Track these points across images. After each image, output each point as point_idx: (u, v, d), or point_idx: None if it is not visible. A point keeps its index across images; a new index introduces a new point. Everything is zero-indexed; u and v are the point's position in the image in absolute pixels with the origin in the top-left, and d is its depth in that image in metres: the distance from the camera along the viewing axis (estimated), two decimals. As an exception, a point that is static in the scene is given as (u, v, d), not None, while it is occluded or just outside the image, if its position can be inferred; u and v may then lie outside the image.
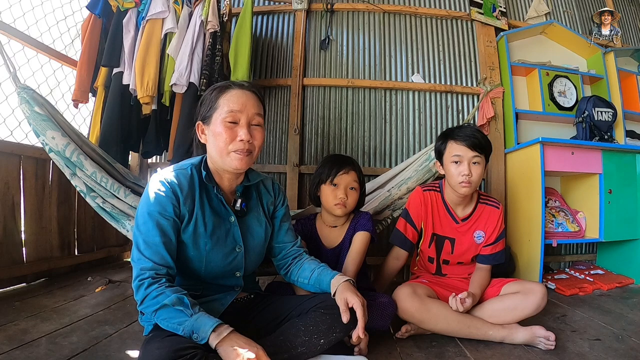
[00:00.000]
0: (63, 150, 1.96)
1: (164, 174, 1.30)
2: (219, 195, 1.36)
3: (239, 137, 1.28)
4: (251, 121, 1.32)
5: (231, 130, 1.28)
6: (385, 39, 3.23)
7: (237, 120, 1.29)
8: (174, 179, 1.28)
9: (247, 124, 1.30)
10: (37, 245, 2.37)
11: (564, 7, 3.54)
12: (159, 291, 1.13)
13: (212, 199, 1.36)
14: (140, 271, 1.17)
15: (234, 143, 1.28)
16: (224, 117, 1.28)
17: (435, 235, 1.93)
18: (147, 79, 2.40)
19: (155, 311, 1.12)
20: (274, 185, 1.57)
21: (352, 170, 1.87)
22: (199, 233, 1.30)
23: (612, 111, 2.91)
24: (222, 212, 1.38)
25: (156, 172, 1.36)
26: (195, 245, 1.30)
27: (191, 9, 2.60)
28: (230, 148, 1.28)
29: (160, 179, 1.28)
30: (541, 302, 1.62)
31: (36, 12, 2.57)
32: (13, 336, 1.52)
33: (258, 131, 1.34)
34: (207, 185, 1.35)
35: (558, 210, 2.77)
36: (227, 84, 1.37)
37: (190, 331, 1.07)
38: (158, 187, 1.26)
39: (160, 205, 1.23)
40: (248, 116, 1.30)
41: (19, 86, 1.96)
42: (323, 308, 1.32)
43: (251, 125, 1.32)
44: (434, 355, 1.52)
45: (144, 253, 1.19)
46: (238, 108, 1.29)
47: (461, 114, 3.12)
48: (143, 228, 1.22)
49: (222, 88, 1.35)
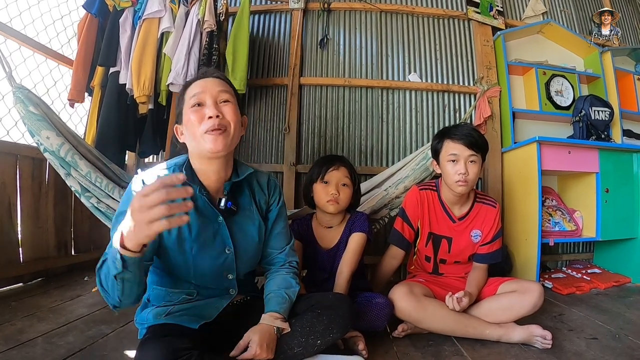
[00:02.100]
0: (57, 150, 1.95)
1: (144, 175, 1.26)
2: (203, 195, 1.30)
3: (207, 114, 1.23)
4: (217, 99, 1.27)
5: (198, 112, 1.24)
6: (382, 38, 3.22)
7: (202, 102, 1.25)
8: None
9: (213, 102, 1.25)
10: (34, 245, 2.37)
11: (561, 7, 3.55)
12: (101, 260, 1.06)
13: (197, 199, 1.30)
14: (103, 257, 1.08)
15: (204, 123, 1.23)
16: (189, 104, 1.26)
17: (432, 235, 1.93)
18: (144, 79, 2.39)
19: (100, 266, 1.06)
20: (269, 181, 1.49)
21: (342, 167, 1.87)
22: (183, 237, 1.25)
23: (609, 110, 2.92)
24: (209, 213, 1.31)
25: (137, 173, 1.32)
26: (181, 250, 1.25)
27: (188, 8, 2.59)
28: (201, 129, 1.23)
29: (141, 180, 1.23)
30: (538, 301, 1.63)
31: (32, 11, 2.56)
32: (9, 336, 1.52)
33: (228, 106, 1.28)
34: (192, 185, 1.27)
35: (555, 209, 2.77)
36: (191, 79, 1.35)
37: (112, 260, 0.98)
38: (139, 188, 1.20)
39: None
40: (212, 95, 1.26)
41: (14, 86, 1.95)
42: (320, 308, 1.32)
43: (219, 104, 1.27)
44: (431, 354, 1.52)
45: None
46: (200, 90, 1.26)
47: (458, 113, 3.12)
48: (115, 227, 1.11)
49: (186, 84, 1.34)
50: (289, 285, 1.40)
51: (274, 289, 1.37)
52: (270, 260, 1.49)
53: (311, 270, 2.01)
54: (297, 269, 1.50)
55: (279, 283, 1.40)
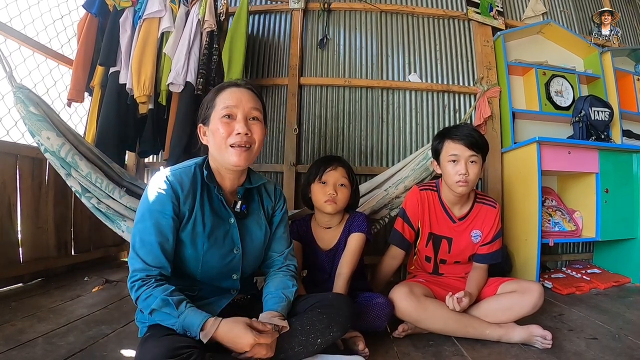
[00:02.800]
0: (58, 151, 1.95)
1: (165, 172, 1.31)
2: (220, 195, 1.35)
3: (236, 130, 1.27)
4: (248, 115, 1.32)
5: (228, 125, 1.28)
6: (382, 38, 3.23)
7: (233, 115, 1.29)
8: (176, 177, 1.29)
9: (244, 119, 1.30)
10: (34, 245, 2.36)
11: (561, 7, 3.55)
12: (147, 293, 1.15)
13: (213, 199, 1.36)
14: (133, 273, 1.19)
15: (232, 137, 1.28)
16: (220, 114, 1.29)
17: (432, 235, 1.93)
18: (144, 78, 2.39)
19: (149, 314, 1.14)
20: (275, 189, 1.56)
21: (339, 167, 1.87)
22: (197, 232, 1.30)
23: (608, 111, 2.92)
24: (222, 213, 1.37)
25: (157, 171, 1.37)
26: (193, 245, 1.29)
27: (188, 8, 2.60)
28: (228, 142, 1.28)
29: (162, 177, 1.29)
30: (538, 301, 1.63)
31: (32, 11, 2.56)
32: (10, 336, 1.52)
33: (257, 126, 1.33)
34: (209, 185, 1.35)
35: (555, 209, 2.78)
36: (224, 83, 1.38)
37: (183, 331, 1.11)
38: (159, 185, 1.27)
39: (160, 203, 1.24)
40: (244, 110, 1.30)
41: (14, 86, 1.94)
42: (320, 307, 1.32)
43: (249, 120, 1.32)
44: (431, 354, 1.52)
45: (139, 252, 1.20)
46: (234, 103, 1.30)
47: (458, 113, 3.13)
48: (141, 226, 1.23)
49: (219, 88, 1.37)
50: (286, 286, 1.41)
51: (271, 290, 1.40)
52: (270, 263, 1.52)
53: (311, 271, 2.01)
54: (295, 272, 1.52)
55: (276, 284, 1.42)
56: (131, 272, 1.20)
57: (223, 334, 1.12)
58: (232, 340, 1.12)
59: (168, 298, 1.13)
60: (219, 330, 1.11)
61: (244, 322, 1.14)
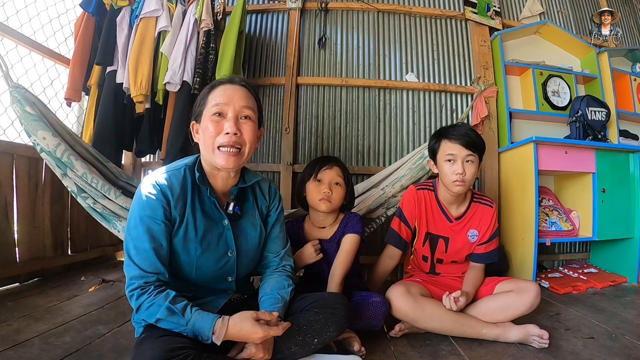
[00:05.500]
0: (54, 151, 1.94)
1: (154, 176, 1.27)
2: (212, 197, 1.32)
3: (225, 129, 1.23)
4: (240, 114, 1.27)
5: (217, 123, 1.24)
6: (379, 38, 3.23)
7: (224, 113, 1.25)
8: (165, 181, 1.24)
9: (234, 117, 1.25)
10: (30, 244, 2.35)
11: (558, 7, 3.56)
12: (149, 302, 1.12)
13: (205, 201, 1.32)
14: (130, 281, 1.16)
15: (221, 136, 1.24)
16: (211, 111, 1.26)
17: (429, 234, 1.93)
18: (141, 78, 2.39)
19: (155, 322, 1.12)
20: (270, 188, 1.51)
21: (335, 166, 1.87)
22: (189, 237, 1.27)
23: (605, 111, 2.93)
24: (215, 215, 1.33)
25: (148, 173, 1.35)
26: (186, 250, 1.26)
27: (185, 7, 2.59)
28: (216, 142, 1.24)
29: (151, 182, 1.24)
30: (535, 301, 1.63)
31: (29, 9, 2.55)
32: (6, 336, 1.51)
33: (248, 125, 1.28)
34: (201, 187, 1.31)
35: (552, 209, 2.78)
36: (219, 80, 1.35)
37: (194, 336, 1.10)
38: (149, 190, 1.22)
39: (150, 209, 1.21)
40: (236, 109, 1.26)
41: (11, 85, 1.94)
42: (317, 307, 1.32)
43: (240, 119, 1.27)
44: (428, 353, 1.52)
45: (134, 259, 1.17)
46: (224, 100, 1.26)
47: (455, 113, 3.13)
48: (134, 233, 1.20)
49: (212, 85, 1.33)
50: (282, 286, 1.40)
51: (267, 291, 1.38)
52: (266, 264, 1.50)
53: (306, 271, 2.01)
54: (292, 272, 1.50)
55: (272, 285, 1.40)
56: (128, 280, 1.17)
57: (233, 333, 1.10)
58: (243, 337, 1.12)
59: (173, 307, 1.10)
60: (229, 331, 1.10)
61: (251, 317, 1.12)
